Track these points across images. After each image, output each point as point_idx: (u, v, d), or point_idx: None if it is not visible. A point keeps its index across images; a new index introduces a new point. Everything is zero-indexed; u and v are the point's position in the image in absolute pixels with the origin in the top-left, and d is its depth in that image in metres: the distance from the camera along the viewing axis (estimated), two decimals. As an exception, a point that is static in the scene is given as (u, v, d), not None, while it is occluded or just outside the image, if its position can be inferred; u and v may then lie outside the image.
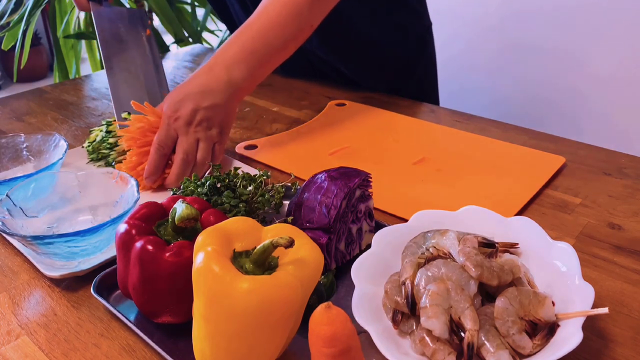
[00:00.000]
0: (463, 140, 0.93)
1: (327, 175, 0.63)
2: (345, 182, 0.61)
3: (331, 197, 0.60)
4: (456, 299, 0.50)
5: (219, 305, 0.44)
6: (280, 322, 0.45)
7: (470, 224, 0.60)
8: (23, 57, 1.74)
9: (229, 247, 0.47)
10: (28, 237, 0.60)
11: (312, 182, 0.63)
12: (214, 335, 0.46)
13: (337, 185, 0.61)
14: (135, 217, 0.55)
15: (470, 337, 0.48)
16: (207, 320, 0.45)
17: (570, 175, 0.82)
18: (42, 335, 0.57)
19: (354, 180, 0.62)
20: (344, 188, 0.61)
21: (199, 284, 0.45)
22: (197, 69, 0.94)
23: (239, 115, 1.08)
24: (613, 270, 0.63)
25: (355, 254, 0.64)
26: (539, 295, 0.51)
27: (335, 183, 0.61)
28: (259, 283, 0.43)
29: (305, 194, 0.62)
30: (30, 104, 1.18)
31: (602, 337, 0.54)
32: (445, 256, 0.55)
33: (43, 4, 1.82)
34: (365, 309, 0.52)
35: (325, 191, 0.61)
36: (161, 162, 0.80)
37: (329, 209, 0.60)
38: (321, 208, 0.60)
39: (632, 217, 0.72)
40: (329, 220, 0.59)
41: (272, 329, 0.45)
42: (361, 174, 0.63)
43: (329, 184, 0.62)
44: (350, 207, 0.62)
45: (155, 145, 0.79)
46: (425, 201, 0.76)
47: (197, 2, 2.25)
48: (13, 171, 0.83)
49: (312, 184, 0.63)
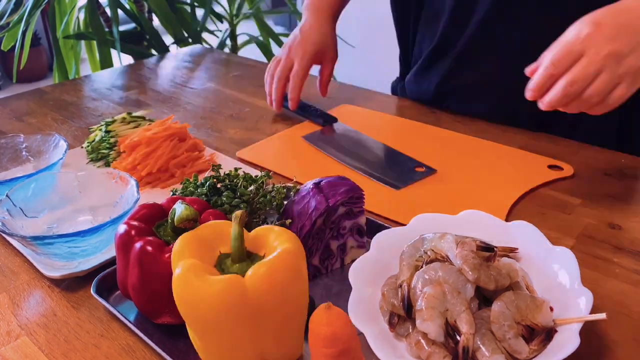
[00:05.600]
0: (463, 142, 0.93)
1: (313, 186, 0.62)
2: (325, 198, 0.60)
3: (307, 213, 0.60)
4: (452, 302, 0.50)
5: (191, 309, 0.45)
6: (260, 316, 0.45)
7: (470, 228, 0.60)
8: (23, 58, 1.73)
9: (208, 251, 0.48)
10: (28, 238, 0.60)
11: (301, 190, 0.63)
12: (196, 338, 0.48)
13: (317, 201, 0.60)
14: (134, 218, 0.55)
15: (465, 340, 0.48)
16: (188, 324, 0.47)
17: (570, 176, 0.82)
18: (42, 335, 0.57)
19: (337, 197, 0.61)
20: (322, 205, 0.60)
21: (175, 293, 0.46)
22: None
23: (239, 115, 1.08)
24: (613, 270, 0.63)
25: (335, 268, 0.64)
26: (537, 300, 0.51)
27: (316, 198, 0.61)
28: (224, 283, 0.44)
29: (292, 202, 0.63)
30: (30, 104, 1.18)
31: (602, 337, 0.54)
32: (442, 259, 0.55)
33: (43, 4, 1.82)
34: (361, 311, 0.52)
35: (305, 205, 0.61)
36: None
37: (302, 225, 0.59)
38: (298, 221, 0.60)
39: (632, 217, 0.72)
40: (300, 236, 0.58)
41: (253, 324, 0.45)
42: (351, 190, 0.62)
43: (311, 197, 0.61)
44: (330, 224, 0.62)
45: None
46: (425, 204, 0.76)
47: (196, 3, 2.25)
48: (13, 171, 0.83)
49: (299, 193, 0.63)
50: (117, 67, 1.51)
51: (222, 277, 0.44)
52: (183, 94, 1.21)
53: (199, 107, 1.14)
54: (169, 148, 0.85)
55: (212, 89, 1.24)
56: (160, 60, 1.48)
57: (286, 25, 4.84)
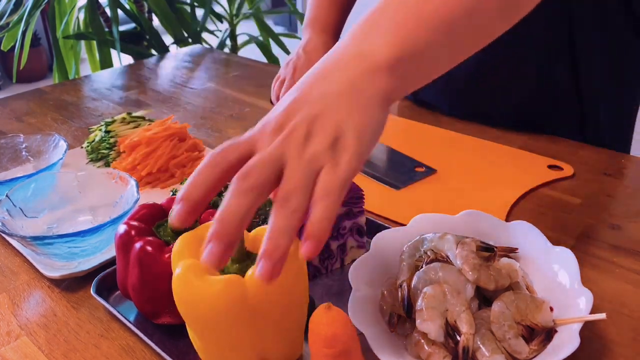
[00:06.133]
0: (463, 142, 0.93)
1: None
2: None
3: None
4: (452, 302, 0.50)
5: (191, 309, 0.45)
6: (260, 316, 0.45)
7: (470, 228, 0.60)
8: (22, 58, 1.74)
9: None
10: (28, 238, 0.60)
11: None
12: (196, 337, 0.48)
13: None
14: (134, 218, 0.55)
15: (465, 340, 0.48)
16: (188, 324, 0.47)
17: (570, 176, 0.82)
18: (42, 335, 0.57)
19: None
20: None
21: (175, 293, 0.46)
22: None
23: (239, 115, 1.08)
24: (613, 270, 0.63)
25: (335, 268, 0.64)
26: (537, 300, 0.51)
27: None
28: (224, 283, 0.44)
29: None
30: (30, 104, 1.18)
31: (602, 337, 0.54)
32: (443, 259, 0.55)
33: (42, 4, 1.82)
34: (361, 311, 0.52)
35: None
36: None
37: (302, 225, 0.59)
38: None
39: (632, 217, 0.72)
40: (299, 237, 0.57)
41: (252, 324, 0.45)
42: (351, 190, 0.61)
43: None
44: None
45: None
46: (425, 204, 0.76)
47: (196, 3, 2.25)
48: (13, 171, 0.83)
49: None
50: (117, 67, 1.51)
51: (222, 277, 0.44)
52: (183, 94, 1.21)
53: (199, 107, 1.14)
54: (168, 148, 0.85)
55: (212, 89, 1.24)
56: (160, 60, 1.48)
57: (286, 25, 4.84)
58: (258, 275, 0.39)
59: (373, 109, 0.44)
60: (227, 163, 0.42)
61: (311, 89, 0.44)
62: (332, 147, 0.41)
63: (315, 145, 0.41)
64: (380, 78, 0.44)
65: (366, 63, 0.44)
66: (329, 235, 0.40)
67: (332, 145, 0.41)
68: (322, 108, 0.43)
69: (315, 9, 1.06)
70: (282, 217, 0.40)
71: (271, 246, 0.39)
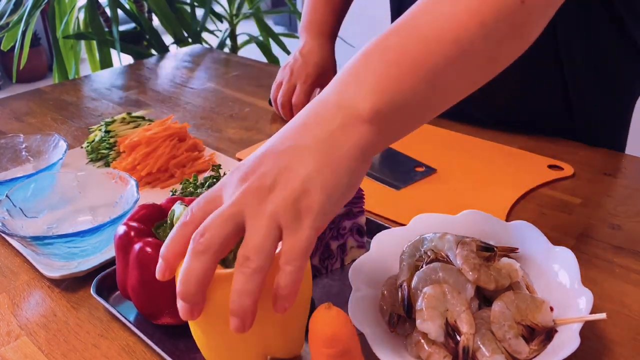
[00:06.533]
0: (463, 142, 0.93)
1: None
2: None
3: None
4: (452, 302, 0.50)
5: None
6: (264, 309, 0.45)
7: (470, 228, 0.60)
8: (22, 58, 1.74)
9: None
10: (28, 238, 0.60)
11: None
12: (200, 333, 0.47)
13: None
14: (134, 219, 0.55)
15: (465, 340, 0.48)
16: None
17: (570, 176, 0.82)
18: (42, 335, 0.57)
19: None
20: None
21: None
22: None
23: (239, 115, 1.08)
24: (613, 270, 0.63)
25: (335, 268, 0.64)
26: (537, 300, 0.51)
27: None
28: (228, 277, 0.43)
29: None
30: (30, 104, 1.18)
31: (602, 337, 0.54)
32: (443, 259, 0.55)
33: (42, 4, 1.82)
34: (361, 311, 0.52)
35: None
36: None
37: None
38: None
39: (632, 217, 0.72)
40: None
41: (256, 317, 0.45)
42: None
43: None
44: (329, 224, 0.61)
45: None
46: (425, 204, 0.76)
47: (196, 3, 2.25)
48: (13, 172, 0.83)
49: None
50: (117, 67, 1.51)
51: (226, 270, 0.44)
52: (183, 94, 1.21)
53: (199, 107, 1.14)
54: (168, 148, 0.85)
55: (212, 88, 1.24)
56: (160, 60, 1.48)
57: (286, 25, 4.84)
58: (232, 329, 0.40)
59: (348, 164, 0.42)
60: (199, 220, 0.42)
61: (286, 139, 0.43)
62: (295, 203, 0.40)
63: (277, 200, 0.40)
64: (361, 130, 0.43)
65: (346, 115, 0.43)
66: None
67: (295, 202, 0.40)
68: (292, 160, 0.41)
69: (311, 12, 1.06)
70: (243, 278, 0.40)
71: (236, 307, 0.40)
